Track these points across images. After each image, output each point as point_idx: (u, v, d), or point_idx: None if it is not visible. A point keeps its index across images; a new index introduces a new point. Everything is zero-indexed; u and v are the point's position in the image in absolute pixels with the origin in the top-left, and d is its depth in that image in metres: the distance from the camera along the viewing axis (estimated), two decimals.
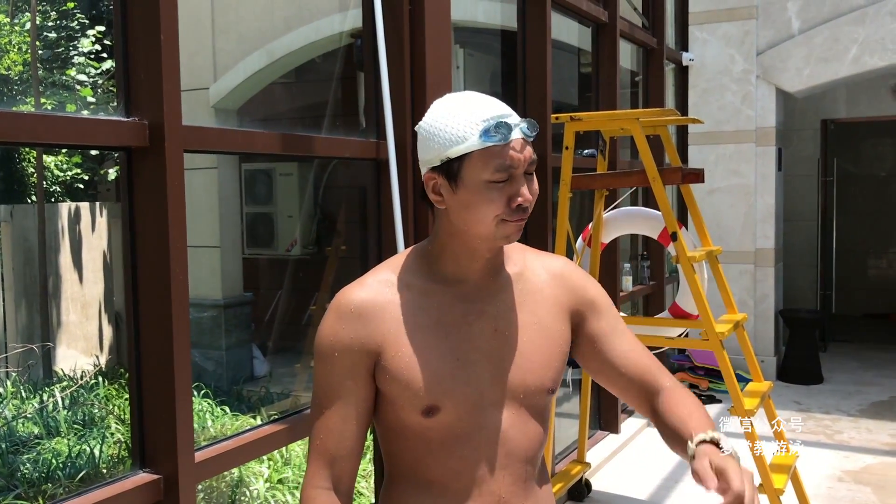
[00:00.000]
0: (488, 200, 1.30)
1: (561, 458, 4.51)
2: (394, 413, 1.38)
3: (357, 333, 1.34)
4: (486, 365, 1.38)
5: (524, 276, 1.45)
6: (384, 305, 1.36)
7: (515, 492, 1.40)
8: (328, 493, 1.37)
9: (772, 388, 3.79)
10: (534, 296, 1.44)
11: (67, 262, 7.56)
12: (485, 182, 1.29)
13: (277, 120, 7.78)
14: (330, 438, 1.36)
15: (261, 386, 6.58)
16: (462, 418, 1.35)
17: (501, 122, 1.29)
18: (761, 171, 6.67)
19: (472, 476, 1.37)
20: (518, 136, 1.31)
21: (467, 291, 1.39)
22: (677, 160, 3.93)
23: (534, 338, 1.41)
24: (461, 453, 1.36)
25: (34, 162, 8.36)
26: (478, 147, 1.29)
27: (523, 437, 1.40)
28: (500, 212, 1.31)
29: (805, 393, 6.36)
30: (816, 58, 6.40)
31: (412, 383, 1.33)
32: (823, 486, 4.39)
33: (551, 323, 1.44)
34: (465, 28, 5.92)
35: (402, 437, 1.39)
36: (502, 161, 1.29)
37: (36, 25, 8.29)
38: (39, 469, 4.32)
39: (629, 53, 6.07)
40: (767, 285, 6.74)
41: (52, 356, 7.16)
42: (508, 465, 1.38)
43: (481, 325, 1.38)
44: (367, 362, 1.35)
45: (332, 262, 6.18)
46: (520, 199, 1.32)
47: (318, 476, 1.37)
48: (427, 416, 1.34)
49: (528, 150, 1.34)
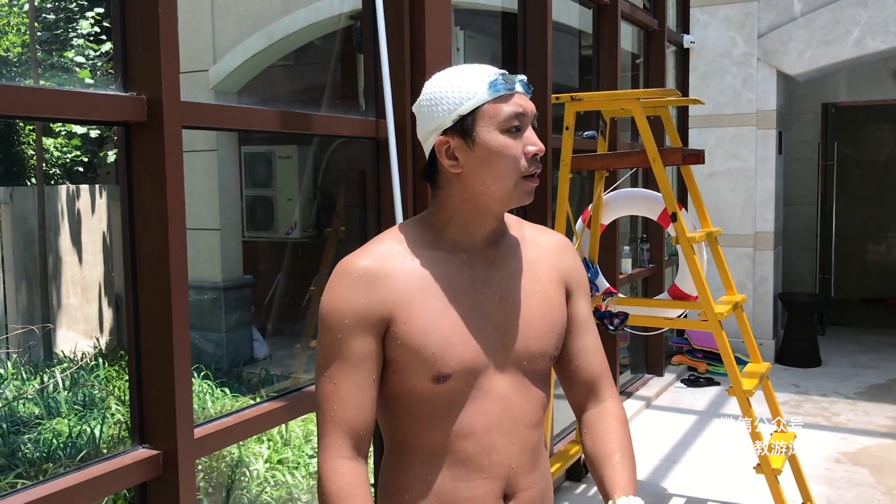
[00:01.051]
0: (506, 149, 1.34)
1: (560, 439, 4.53)
2: (400, 381, 1.37)
3: (368, 299, 1.33)
4: (492, 332, 1.39)
5: (524, 244, 1.48)
6: (392, 272, 1.35)
7: (524, 462, 1.41)
8: (350, 462, 1.34)
9: (770, 369, 3.80)
10: (535, 264, 1.46)
11: (67, 245, 7.57)
12: (500, 132, 1.34)
13: (277, 101, 7.77)
14: (346, 409, 1.33)
15: (260, 368, 6.61)
16: (470, 384, 1.36)
17: (505, 73, 1.36)
18: (761, 155, 6.66)
19: (481, 443, 1.37)
20: (520, 88, 1.38)
21: (472, 260, 1.41)
22: (678, 141, 3.92)
23: (536, 305, 1.43)
24: (469, 419, 1.36)
25: (34, 144, 8.34)
26: (488, 98, 1.34)
27: (527, 401, 1.42)
28: (517, 164, 1.35)
29: (803, 376, 6.37)
30: (818, 40, 6.37)
31: (424, 349, 1.33)
32: (821, 468, 4.41)
33: (552, 290, 1.46)
34: (465, 10, 5.89)
35: (407, 404, 1.38)
36: (513, 108, 1.34)
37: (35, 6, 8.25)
38: (40, 449, 4.34)
39: (630, 35, 6.05)
40: (766, 269, 6.74)
41: (53, 338, 7.17)
42: (515, 432, 1.40)
43: (487, 293, 1.40)
44: (378, 328, 1.34)
45: (332, 244, 6.18)
46: (533, 146, 1.36)
47: (338, 447, 1.33)
48: (437, 383, 1.34)
49: (531, 103, 1.40)
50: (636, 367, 6.12)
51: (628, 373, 5.92)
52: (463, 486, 1.37)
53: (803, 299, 7.08)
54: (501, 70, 1.36)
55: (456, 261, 1.39)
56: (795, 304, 6.88)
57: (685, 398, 5.79)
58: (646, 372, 6.13)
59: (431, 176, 1.42)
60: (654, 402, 5.66)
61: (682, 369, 6.36)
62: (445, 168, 1.37)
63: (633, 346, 5.99)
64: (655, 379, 6.05)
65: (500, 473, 1.38)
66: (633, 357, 6.11)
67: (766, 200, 6.68)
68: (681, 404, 5.65)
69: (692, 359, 6.32)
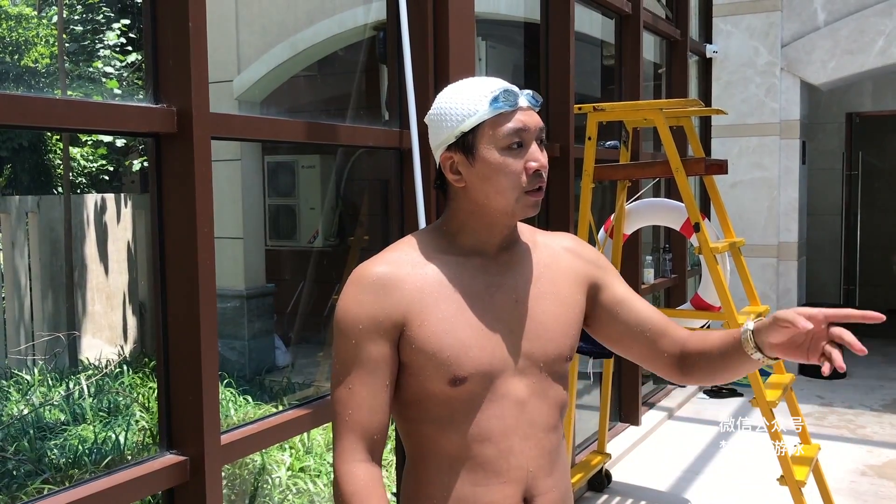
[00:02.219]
0: (504, 167, 1.35)
1: (581, 449, 4.52)
2: (417, 384, 1.39)
3: (381, 304, 1.36)
4: (508, 335, 1.40)
5: (538, 249, 1.50)
6: (405, 277, 1.38)
7: (542, 465, 1.42)
8: (366, 465, 1.35)
9: (794, 380, 3.77)
10: (549, 267, 1.48)
11: (93, 253, 7.66)
12: (499, 149, 1.35)
13: (301, 111, 7.83)
14: (360, 413, 1.36)
15: (283, 376, 6.65)
16: (486, 387, 1.37)
17: (507, 90, 1.36)
18: (785, 165, 6.62)
19: (499, 448, 1.38)
20: (525, 103, 1.37)
21: (486, 264, 1.42)
22: (700, 151, 3.92)
23: (551, 307, 1.44)
24: (486, 423, 1.37)
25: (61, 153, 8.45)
26: (488, 115, 1.35)
27: (545, 404, 1.42)
28: (517, 180, 1.35)
29: (828, 387, 6.31)
30: (842, 50, 6.34)
31: (439, 353, 1.35)
32: (846, 480, 4.37)
33: (567, 293, 1.47)
34: (487, 20, 5.92)
35: (425, 409, 1.40)
36: (513, 125, 1.35)
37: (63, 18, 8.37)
38: (66, 455, 4.39)
39: (652, 45, 6.05)
40: (790, 279, 6.69)
41: (78, 345, 7.25)
42: (532, 436, 1.40)
43: (502, 297, 1.41)
44: (393, 333, 1.36)
45: (355, 253, 6.22)
46: (534, 163, 1.36)
47: (352, 450, 1.35)
48: (454, 386, 1.35)
49: (536, 117, 1.38)
50: (658, 377, 6.09)
51: (651, 383, 5.90)
52: (482, 491, 1.38)
53: None
54: (507, 85, 1.37)
55: (470, 265, 1.41)
56: None
57: (708, 409, 5.76)
58: (668, 382, 6.11)
59: (442, 187, 1.45)
60: (676, 413, 5.64)
61: None
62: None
63: None
64: (678, 389, 6.02)
65: (518, 477, 1.39)
66: None
67: (789, 210, 6.64)
68: (703, 415, 5.62)
69: None
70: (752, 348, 1.38)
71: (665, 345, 1.52)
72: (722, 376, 1.49)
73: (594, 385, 4.93)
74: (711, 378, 1.50)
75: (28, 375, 6.16)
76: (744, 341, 1.39)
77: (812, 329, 1.29)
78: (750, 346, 1.38)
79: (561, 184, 3.99)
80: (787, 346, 1.34)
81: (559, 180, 3.98)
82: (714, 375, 1.49)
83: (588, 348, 3.77)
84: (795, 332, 1.31)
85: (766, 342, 1.36)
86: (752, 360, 1.39)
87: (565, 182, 4.00)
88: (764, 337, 1.36)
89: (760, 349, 1.37)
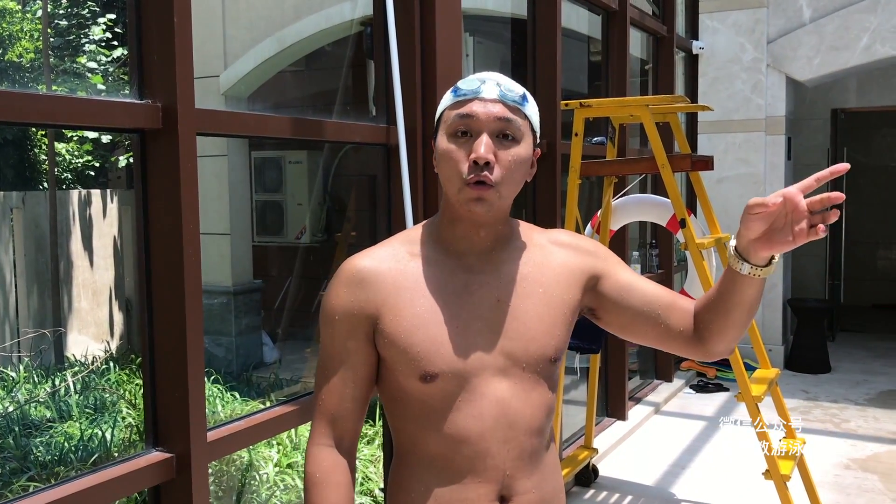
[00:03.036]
0: (447, 153, 1.34)
1: (568, 444, 4.54)
2: (394, 379, 1.40)
3: (356, 297, 1.38)
4: (487, 334, 1.39)
5: (530, 248, 1.47)
6: (384, 272, 1.39)
7: (521, 467, 1.40)
8: (330, 450, 1.41)
9: (779, 375, 3.80)
10: (540, 267, 1.45)
11: (78, 249, 7.62)
12: (448, 136, 1.35)
13: (288, 107, 7.81)
14: (331, 399, 1.41)
15: (270, 372, 6.63)
16: (462, 386, 1.37)
17: (472, 78, 1.35)
18: (771, 161, 6.66)
19: (475, 449, 1.37)
20: (491, 94, 1.33)
21: (471, 263, 1.41)
22: (687, 147, 3.93)
23: (536, 307, 1.42)
24: (463, 423, 1.37)
25: (46, 149, 8.40)
26: (449, 103, 1.36)
27: (526, 406, 1.40)
28: (457, 168, 1.32)
29: (813, 382, 6.36)
30: (827, 46, 6.37)
31: (409, 348, 1.36)
32: (830, 474, 4.40)
33: (557, 292, 1.44)
34: (474, 16, 5.92)
35: (403, 405, 1.41)
36: (461, 112, 1.33)
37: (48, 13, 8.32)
38: (52, 452, 4.38)
39: (639, 42, 6.07)
40: (775, 274, 6.73)
41: (64, 341, 7.22)
42: (512, 438, 1.39)
43: (483, 295, 1.40)
44: (366, 326, 1.39)
45: (342, 249, 6.21)
46: (473, 154, 1.31)
47: (320, 434, 1.42)
48: (425, 382, 1.36)
49: (498, 108, 1.32)
50: (645, 372, 6.12)
51: (637, 378, 5.92)
52: (457, 489, 1.39)
53: (813, 305, 7.07)
54: (484, 77, 1.36)
55: (453, 262, 1.41)
56: (805, 310, 6.87)
57: (694, 404, 5.79)
58: (655, 377, 6.13)
59: None
60: (663, 408, 5.66)
61: (690, 375, 6.36)
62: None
63: (641, 352, 5.99)
64: (664, 384, 6.05)
65: (493, 477, 1.38)
66: (642, 363, 6.11)
67: None
68: (690, 410, 5.65)
69: (701, 364, 6.31)
70: (738, 261, 1.31)
71: (677, 319, 1.47)
72: (735, 319, 1.39)
73: (581, 380, 4.95)
74: (727, 329, 1.41)
75: (13, 372, 6.13)
76: (730, 261, 1.33)
77: (785, 205, 1.23)
78: (736, 261, 1.31)
79: (548, 180, 4.00)
80: (770, 237, 1.27)
81: (546, 176, 3.98)
82: (727, 323, 1.40)
83: (575, 343, 3.79)
84: (768, 213, 1.24)
85: (749, 248, 1.29)
86: (746, 278, 1.32)
87: (552, 178, 4.01)
88: (744, 242, 1.29)
89: (747, 259, 1.31)
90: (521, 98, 1.35)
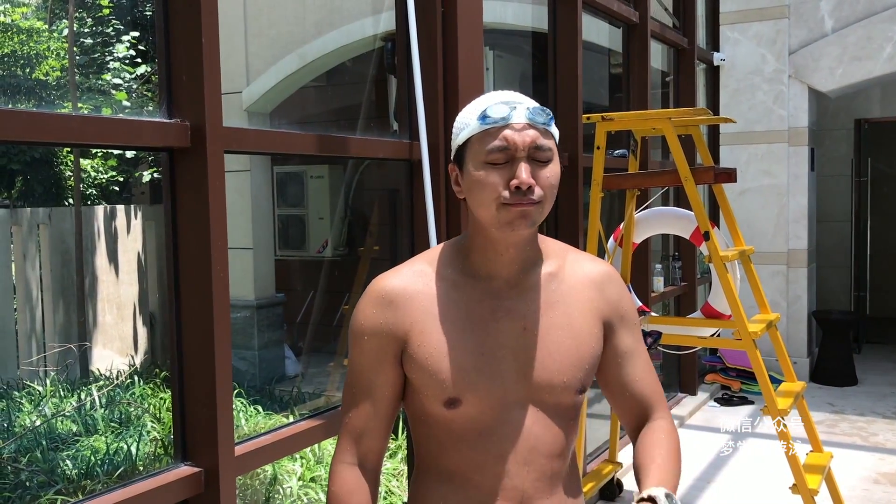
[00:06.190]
0: (485, 181, 1.32)
1: (592, 458, 4.52)
2: (419, 402, 1.41)
3: (386, 319, 1.39)
4: (512, 362, 1.39)
5: (560, 276, 1.45)
6: (414, 294, 1.40)
7: (540, 487, 1.40)
8: (352, 468, 1.42)
9: (805, 388, 3.77)
10: (567, 297, 1.44)
11: (104, 264, 7.70)
12: (482, 163, 1.32)
13: (309, 122, 7.87)
14: (357, 418, 1.42)
15: (293, 386, 6.65)
16: (485, 412, 1.37)
17: (500, 104, 1.33)
18: (794, 172, 6.62)
19: (495, 470, 1.38)
20: (521, 119, 1.32)
21: (498, 288, 1.40)
22: (709, 159, 3.92)
23: (563, 338, 1.41)
24: (484, 447, 1.38)
25: (71, 165, 8.51)
26: (477, 130, 1.34)
27: (548, 434, 1.40)
28: (496, 193, 1.31)
29: (839, 395, 6.29)
30: (850, 57, 6.34)
31: (435, 374, 1.36)
32: (859, 489, 4.35)
33: (583, 325, 1.43)
34: (495, 30, 5.94)
35: (427, 426, 1.42)
36: (496, 143, 1.31)
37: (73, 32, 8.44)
38: (78, 466, 4.41)
39: (660, 54, 6.06)
40: (800, 286, 6.68)
41: (89, 356, 7.28)
42: (532, 461, 1.39)
43: (509, 323, 1.39)
44: (394, 348, 1.39)
45: (364, 263, 6.22)
46: (515, 180, 1.30)
47: (345, 452, 1.43)
48: (449, 408, 1.37)
49: (532, 134, 1.32)
50: (669, 385, 6.08)
51: None
52: None
53: (838, 317, 7.00)
54: (506, 98, 1.35)
55: (480, 287, 1.40)
56: (830, 322, 6.80)
57: (719, 417, 5.74)
58: (679, 391, 6.09)
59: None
60: (687, 421, 5.62)
61: (715, 388, 6.31)
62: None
63: (666, 365, 5.96)
64: (689, 398, 6.01)
65: (513, 497, 1.39)
66: (667, 376, 6.08)
67: (798, 217, 6.63)
68: (714, 423, 5.60)
69: (726, 377, 6.27)
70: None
71: (630, 416, 1.53)
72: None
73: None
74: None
75: (40, 387, 6.19)
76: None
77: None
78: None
79: (570, 193, 4.00)
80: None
81: (568, 189, 3.98)
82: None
83: None
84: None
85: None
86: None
87: (574, 191, 4.01)
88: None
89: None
90: (549, 120, 1.35)
